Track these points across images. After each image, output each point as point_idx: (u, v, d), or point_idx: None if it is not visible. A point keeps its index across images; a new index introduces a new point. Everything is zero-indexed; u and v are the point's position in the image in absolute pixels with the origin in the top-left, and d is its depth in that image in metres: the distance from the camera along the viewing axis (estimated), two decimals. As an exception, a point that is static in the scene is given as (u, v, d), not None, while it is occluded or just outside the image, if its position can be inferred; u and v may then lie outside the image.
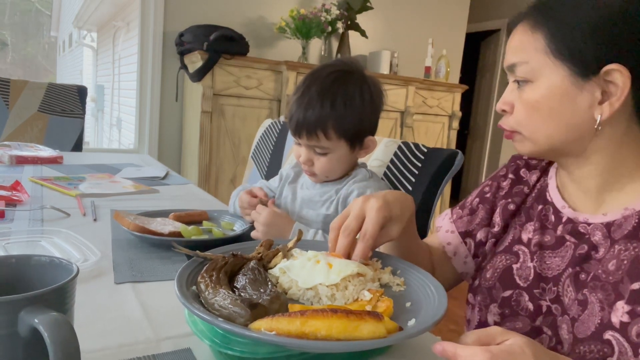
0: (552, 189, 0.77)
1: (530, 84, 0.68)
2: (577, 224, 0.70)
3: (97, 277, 0.72)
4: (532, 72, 0.67)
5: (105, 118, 6.92)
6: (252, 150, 1.80)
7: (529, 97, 0.68)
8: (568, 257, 0.69)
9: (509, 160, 0.88)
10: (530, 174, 0.83)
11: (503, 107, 0.72)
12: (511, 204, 0.82)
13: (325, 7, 3.23)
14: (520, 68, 0.68)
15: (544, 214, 0.76)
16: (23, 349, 0.39)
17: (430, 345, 0.57)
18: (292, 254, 0.66)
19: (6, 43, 11.75)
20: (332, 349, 0.46)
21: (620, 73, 0.62)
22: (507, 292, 0.73)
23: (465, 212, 0.88)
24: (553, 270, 0.70)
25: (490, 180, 0.88)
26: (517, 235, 0.78)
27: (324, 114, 0.97)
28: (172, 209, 1.07)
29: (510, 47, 0.71)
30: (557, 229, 0.73)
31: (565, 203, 0.74)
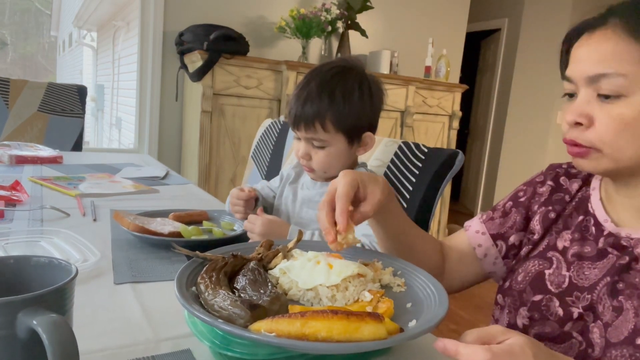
0: (595, 200, 0.75)
1: (624, 98, 0.61)
2: (620, 238, 0.68)
3: (97, 278, 0.72)
4: (629, 87, 0.60)
5: (105, 118, 6.92)
6: (252, 150, 1.80)
7: (622, 114, 0.61)
8: (606, 269, 0.67)
9: (547, 168, 0.85)
10: (570, 182, 0.80)
11: (579, 120, 0.65)
12: (552, 212, 0.79)
13: (325, 6, 3.22)
14: (611, 80, 0.61)
15: (584, 225, 0.74)
16: (21, 350, 0.39)
17: (432, 346, 0.57)
18: (292, 255, 0.65)
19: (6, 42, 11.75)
20: (333, 350, 0.46)
21: None
22: (537, 297, 0.72)
23: (498, 214, 0.85)
24: (590, 280, 0.68)
25: (525, 186, 0.86)
26: (552, 242, 0.76)
27: (322, 106, 0.98)
28: (172, 209, 1.06)
29: (595, 53, 0.63)
30: (598, 241, 0.70)
31: (608, 217, 0.71)
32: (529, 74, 4.89)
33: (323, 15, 3.18)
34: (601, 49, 0.62)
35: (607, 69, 0.61)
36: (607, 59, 0.62)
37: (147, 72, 3.07)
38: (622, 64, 0.60)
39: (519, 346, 0.45)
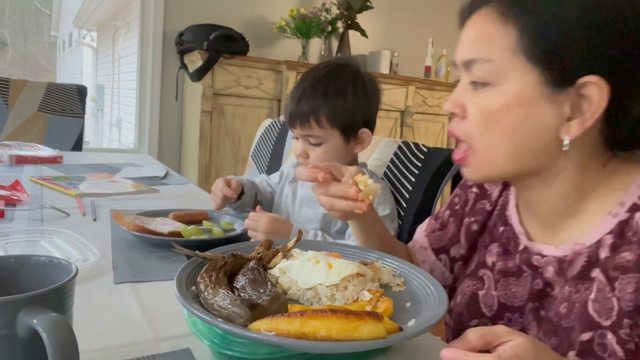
0: (512, 207, 0.70)
1: (491, 87, 0.56)
2: (532, 255, 0.64)
3: (97, 277, 0.72)
4: (496, 74, 0.55)
5: (105, 118, 6.92)
6: (252, 150, 1.80)
7: (488, 104, 0.56)
8: (527, 289, 0.64)
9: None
10: (493, 186, 0.74)
11: (452, 109, 0.60)
12: (474, 223, 0.74)
13: (325, 6, 3.22)
14: (480, 66, 0.56)
15: (505, 237, 0.69)
16: (22, 349, 0.39)
17: (431, 345, 0.58)
18: (292, 254, 0.65)
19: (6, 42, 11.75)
20: (332, 349, 0.46)
21: (598, 88, 0.51)
22: (473, 321, 0.68)
23: (437, 226, 0.81)
24: (517, 299, 0.64)
25: (460, 190, 0.80)
26: (482, 257, 0.71)
27: (316, 102, 0.99)
28: (172, 209, 1.07)
29: (468, 37, 0.59)
30: (515, 256, 0.66)
31: (522, 229, 0.67)
32: (529, 74, 4.88)
33: (323, 15, 3.18)
34: (474, 32, 0.58)
35: (476, 54, 0.57)
36: (477, 43, 0.57)
37: (147, 72, 3.07)
38: (491, 49, 0.55)
39: (522, 348, 0.44)
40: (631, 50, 0.52)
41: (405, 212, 1.12)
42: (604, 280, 0.55)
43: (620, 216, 0.56)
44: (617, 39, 0.51)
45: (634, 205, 0.55)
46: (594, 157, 0.58)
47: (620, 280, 0.53)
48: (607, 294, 0.54)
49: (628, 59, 0.52)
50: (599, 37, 0.51)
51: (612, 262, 0.55)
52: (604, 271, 0.55)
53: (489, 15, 0.56)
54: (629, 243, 0.54)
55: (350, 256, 0.69)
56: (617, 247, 0.55)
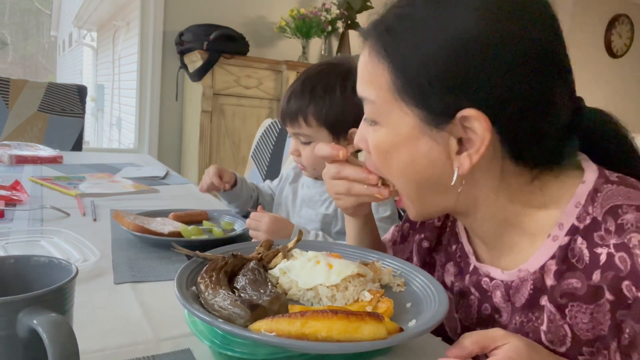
0: (460, 225, 0.67)
1: (379, 126, 0.56)
2: (481, 276, 0.61)
3: (97, 278, 0.72)
4: (379, 113, 0.55)
5: (105, 118, 6.92)
6: (252, 150, 1.80)
7: (378, 141, 0.56)
8: (474, 314, 0.61)
9: None
10: None
11: (359, 145, 0.60)
12: (424, 240, 0.71)
13: (325, 6, 3.22)
14: (367, 105, 0.56)
15: (458, 256, 0.66)
16: (22, 350, 0.39)
17: (431, 346, 0.57)
18: (292, 255, 0.65)
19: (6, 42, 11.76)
20: (333, 350, 0.46)
21: (477, 120, 0.49)
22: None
23: (399, 238, 0.79)
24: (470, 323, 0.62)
25: None
26: (440, 278, 0.69)
27: (304, 100, 1.01)
28: (172, 209, 1.06)
29: (359, 71, 0.58)
30: (464, 277, 0.64)
31: (470, 248, 0.64)
32: (529, 74, 4.88)
33: (323, 15, 3.18)
34: (361, 68, 0.57)
35: (362, 92, 0.57)
36: (364, 80, 0.56)
37: (147, 72, 3.07)
38: (373, 88, 0.55)
39: (515, 351, 0.44)
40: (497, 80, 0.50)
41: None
42: (553, 309, 0.53)
43: (560, 240, 0.53)
44: (480, 71, 0.49)
45: (573, 228, 0.53)
46: (510, 180, 0.55)
47: (569, 307, 0.51)
48: (559, 322, 0.52)
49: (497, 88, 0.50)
50: (462, 72, 0.50)
51: (559, 289, 0.53)
52: (552, 300, 0.53)
53: (368, 51, 0.55)
54: (573, 269, 0.52)
55: (351, 256, 0.69)
56: (561, 274, 0.52)
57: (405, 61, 0.52)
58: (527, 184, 0.56)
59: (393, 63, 0.52)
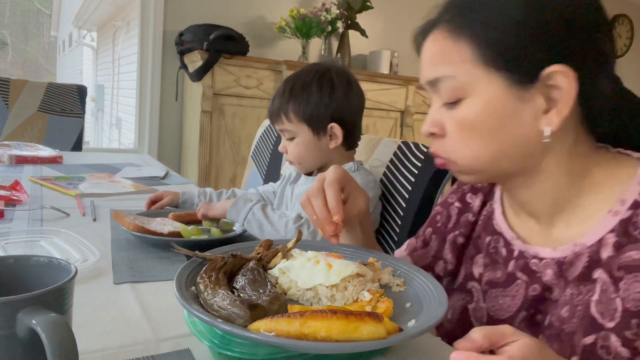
0: (498, 215, 0.69)
1: (462, 101, 0.57)
2: (529, 259, 0.63)
3: (97, 278, 0.72)
4: (462, 88, 0.57)
5: (105, 118, 6.92)
6: (252, 150, 1.80)
7: (464, 118, 0.58)
8: (520, 297, 0.62)
9: (456, 185, 0.79)
10: (475, 198, 0.74)
11: (431, 130, 0.61)
12: (460, 236, 0.73)
13: (325, 6, 3.22)
14: (445, 84, 0.58)
15: (493, 247, 0.68)
16: (21, 350, 0.39)
17: (431, 345, 0.57)
18: (292, 255, 0.65)
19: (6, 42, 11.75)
20: (332, 350, 0.46)
21: (563, 75, 0.53)
22: None
23: (419, 244, 0.80)
24: (505, 311, 0.63)
25: (440, 207, 0.80)
26: (468, 270, 0.71)
27: (284, 98, 1.08)
28: (172, 209, 1.06)
29: (426, 58, 0.61)
30: (508, 265, 0.65)
31: (514, 234, 0.66)
32: (529, 74, 4.89)
33: (323, 15, 3.18)
34: (431, 52, 0.60)
35: (437, 73, 0.59)
36: (436, 62, 0.59)
37: (147, 72, 3.07)
38: (451, 65, 0.57)
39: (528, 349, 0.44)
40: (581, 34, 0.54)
41: (405, 212, 1.12)
42: (607, 281, 0.54)
43: (621, 214, 0.55)
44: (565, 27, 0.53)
45: (635, 203, 0.55)
46: (579, 149, 0.59)
47: (625, 280, 0.53)
48: (611, 294, 0.53)
49: (582, 43, 0.54)
50: (548, 29, 0.53)
51: (616, 262, 0.54)
52: (607, 271, 0.54)
53: (441, 35, 0.59)
54: (634, 241, 0.54)
55: (350, 256, 0.69)
56: (621, 246, 0.54)
57: (488, 31, 0.55)
58: (594, 158, 0.59)
59: (476, 35, 0.55)
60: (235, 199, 1.00)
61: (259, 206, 0.98)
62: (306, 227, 0.96)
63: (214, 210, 1.01)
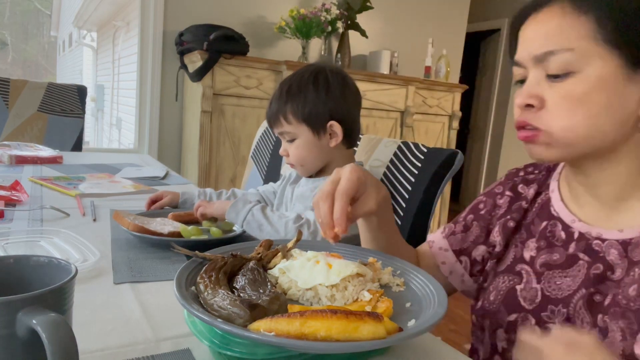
0: (556, 202, 0.71)
1: (573, 74, 0.59)
2: (591, 240, 0.65)
3: (96, 278, 0.72)
4: (577, 62, 0.59)
5: (105, 118, 6.92)
6: (252, 150, 1.80)
7: (572, 91, 0.59)
8: (581, 277, 0.64)
9: (504, 177, 0.82)
10: (527, 188, 0.77)
11: (529, 101, 0.62)
12: (510, 221, 0.76)
13: (325, 6, 3.22)
14: (559, 57, 0.59)
15: (549, 231, 0.70)
16: (21, 350, 0.39)
17: (431, 345, 0.57)
18: (292, 254, 0.65)
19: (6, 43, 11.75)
20: (332, 349, 0.46)
21: None
22: (512, 316, 0.68)
23: (459, 228, 0.83)
24: (563, 291, 0.65)
25: (485, 197, 0.83)
26: (518, 253, 0.73)
27: (282, 100, 1.08)
28: (172, 209, 1.06)
29: (541, 32, 0.62)
30: (568, 247, 0.67)
31: (574, 217, 0.68)
32: (529, 74, 4.89)
33: (323, 15, 3.18)
34: (547, 27, 0.61)
35: (553, 46, 0.60)
36: (553, 36, 0.60)
37: (147, 72, 3.07)
38: (569, 39, 0.59)
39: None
40: None
41: (405, 212, 1.12)
42: None
43: None
44: None
45: None
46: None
47: None
48: None
49: None
50: None
51: None
52: None
53: (560, 10, 0.60)
54: None
55: (350, 256, 0.69)
56: None
57: (615, 10, 0.57)
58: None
59: (601, 12, 0.57)
60: (234, 200, 1.00)
61: (259, 207, 0.98)
62: (306, 228, 0.96)
63: (212, 209, 1.01)
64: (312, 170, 1.13)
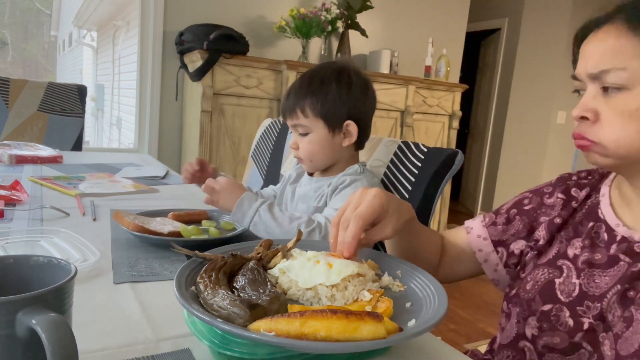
0: (604, 206, 0.74)
1: (627, 91, 0.63)
2: (633, 243, 0.67)
3: (96, 277, 0.72)
4: (630, 80, 0.62)
5: (105, 117, 6.92)
6: (252, 150, 1.80)
7: (625, 106, 0.63)
8: (618, 276, 0.66)
9: (556, 179, 0.85)
10: (580, 191, 0.80)
11: (585, 114, 0.66)
12: (557, 217, 0.78)
13: (325, 6, 3.22)
14: (614, 75, 0.63)
15: (594, 232, 0.73)
16: (21, 350, 0.39)
17: (431, 345, 0.57)
18: (292, 254, 0.65)
19: (6, 42, 11.74)
20: (332, 349, 0.46)
21: None
22: (546, 306, 0.71)
23: (501, 220, 0.85)
24: (601, 288, 0.67)
25: (531, 193, 0.85)
26: (562, 249, 0.75)
27: (301, 93, 1.07)
28: (172, 209, 1.06)
29: (598, 50, 0.65)
30: (610, 248, 0.70)
31: (619, 221, 0.71)
32: (529, 74, 4.89)
33: (323, 15, 3.18)
34: (603, 46, 0.64)
35: (607, 65, 0.63)
36: (607, 55, 0.63)
37: (147, 71, 3.07)
38: (622, 58, 0.62)
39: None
40: None
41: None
42: None
43: None
44: None
45: None
46: None
47: None
48: None
49: None
50: None
51: None
52: None
53: (616, 30, 0.63)
54: None
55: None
56: None
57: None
58: None
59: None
60: (240, 193, 0.99)
61: (265, 207, 0.97)
62: (318, 232, 0.96)
63: (221, 202, 1.00)
64: (319, 167, 1.13)
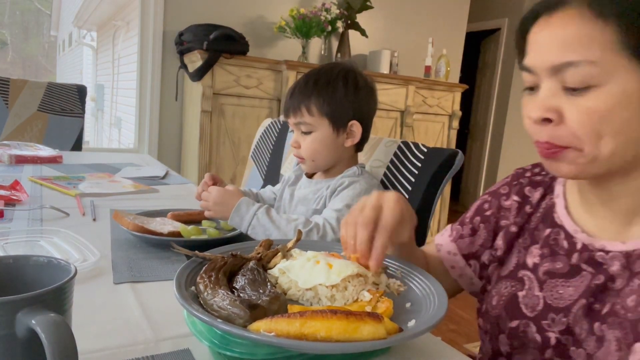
0: (560, 209, 0.69)
1: (595, 88, 0.54)
2: (594, 252, 0.63)
3: (96, 277, 0.72)
4: (600, 75, 0.54)
5: (105, 117, 6.92)
6: (252, 150, 1.80)
7: (595, 107, 0.54)
8: (583, 287, 0.62)
9: (510, 177, 0.79)
10: (534, 191, 0.75)
11: (547, 115, 0.57)
12: (513, 225, 0.74)
13: (325, 6, 3.22)
14: (580, 70, 0.54)
15: (553, 239, 0.68)
16: (20, 350, 0.39)
17: (431, 346, 0.57)
18: (292, 254, 0.65)
19: (6, 42, 11.74)
20: (332, 350, 0.46)
21: None
22: (514, 322, 0.67)
23: (467, 232, 0.81)
24: (565, 300, 0.63)
25: (490, 197, 0.80)
26: (521, 259, 0.71)
27: (307, 90, 1.06)
28: (172, 209, 1.06)
29: (557, 38, 0.56)
30: (571, 257, 0.65)
31: (577, 227, 0.66)
32: (529, 74, 4.88)
33: (323, 15, 3.18)
34: (564, 33, 0.55)
35: (573, 57, 0.54)
36: (572, 45, 0.54)
37: (147, 72, 3.07)
38: (591, 49, 0.53)
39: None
40: None
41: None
42: None
43: None
44: None
45: None
46: None
47: None
48: None
49: None
50: None
51: None
52: None
53: (578, 15, 0.55)
54: None
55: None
56: None
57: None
58: None
59: (627, 20, 0.52)
60: (237, 199, 0.99)
61: (263, 210, 0.97)
62: (315, 232, 0.95)
63: (214, 210, 0.99)
64: (321, 167, 1.12)
